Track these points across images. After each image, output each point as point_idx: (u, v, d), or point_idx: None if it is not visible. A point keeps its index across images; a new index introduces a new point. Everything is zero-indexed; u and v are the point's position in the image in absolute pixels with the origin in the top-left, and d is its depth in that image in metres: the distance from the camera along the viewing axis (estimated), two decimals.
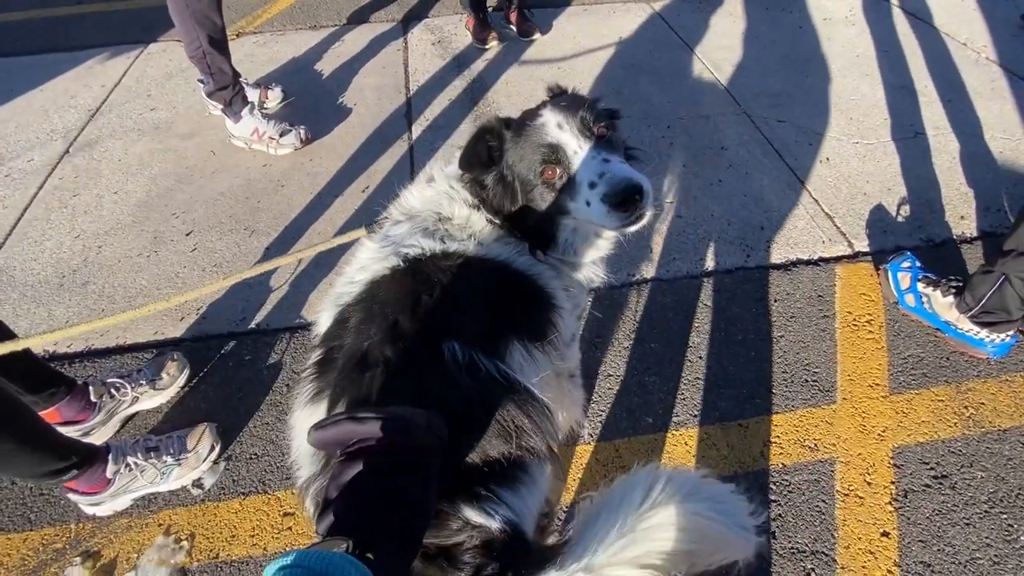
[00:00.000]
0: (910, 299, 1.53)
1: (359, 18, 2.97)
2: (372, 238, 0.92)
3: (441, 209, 0.92)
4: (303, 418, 0.75)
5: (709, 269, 1.69)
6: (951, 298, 1.44)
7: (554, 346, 0.88)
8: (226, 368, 1.45)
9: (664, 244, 1.76)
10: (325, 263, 1.69)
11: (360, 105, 2.36)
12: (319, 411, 0.73)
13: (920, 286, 1.51)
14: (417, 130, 2.21)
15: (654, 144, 2.12)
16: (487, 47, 2.66)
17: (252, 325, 1.54)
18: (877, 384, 1.39)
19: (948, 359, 1.44)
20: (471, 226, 0.90)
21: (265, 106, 2.29)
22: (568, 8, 3.02)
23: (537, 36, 2.73)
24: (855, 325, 1.53)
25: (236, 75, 2.01)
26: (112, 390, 1.28)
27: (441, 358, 0.71)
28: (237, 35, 2.83)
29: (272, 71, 2.58)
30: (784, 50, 2.62)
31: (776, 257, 1.71)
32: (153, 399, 1.34)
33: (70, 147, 2.17)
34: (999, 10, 2.82)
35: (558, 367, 0.96)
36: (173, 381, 1.36)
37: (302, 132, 2.10)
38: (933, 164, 2.00)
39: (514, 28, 2.75)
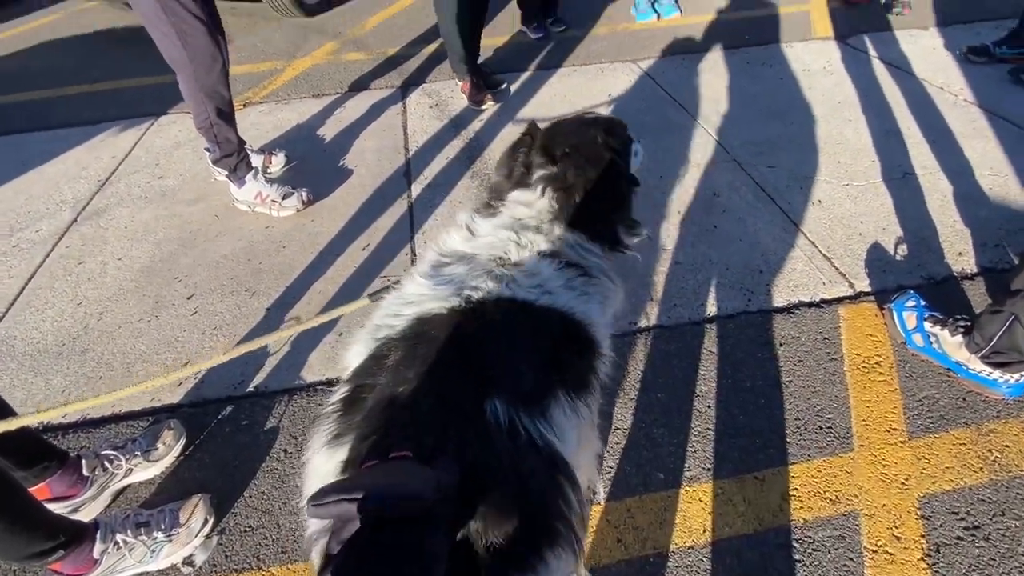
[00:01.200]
0: (918, 339, 1.50)
1: (360, 85, 3.11)
2: (423, 274, 0.87)
3: (509, 254, 0.87)
4: (320, 461, 0.70)
5: (711, 314, 1.67)
6: (960, 338, 1.42)
7: (594, 396, 0.84)
8: (223, 434, 1.41)
9: (664, 290, 1.76)
10: (326, 325, 1.69)
11: (361, 166, 2.43)
12: (338, 455, 0.68)
13: (927, 325, 1.49)
14: (417, 188, 2.27)
15: (647, 194, 2.16)
16: (483, 108, 2.77)
17: (250, 388, 1.52)
18: (894, 429, 1.35)
19: (964, 400, 1.40)
20: (540, 273, 0.86)
21: (269, 171, 2.36)
22: (559, 70, 3.17)
23: (504, 85, 2.94)
24: (865, 367, 1.49)
25: (241, 143, 2.09)
26: (106, 462, 1.24)
27: (482, 417, 0.66)
28: (244, 105, 2.96)
29: (276, 137, 2.68)
30: (767, 101, 2.72)
31: (778, 300, 1.70)
32: (147, 471, 1.30)
33: (78, 216, 2.22)
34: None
35: (591, 418, 0.92)
36: (169, 451, 1.32)
37: (304, 194, 2.16)
38: (926, 203, 2.03)
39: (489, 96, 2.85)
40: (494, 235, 0.90)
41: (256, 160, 2.28)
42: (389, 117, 2.81)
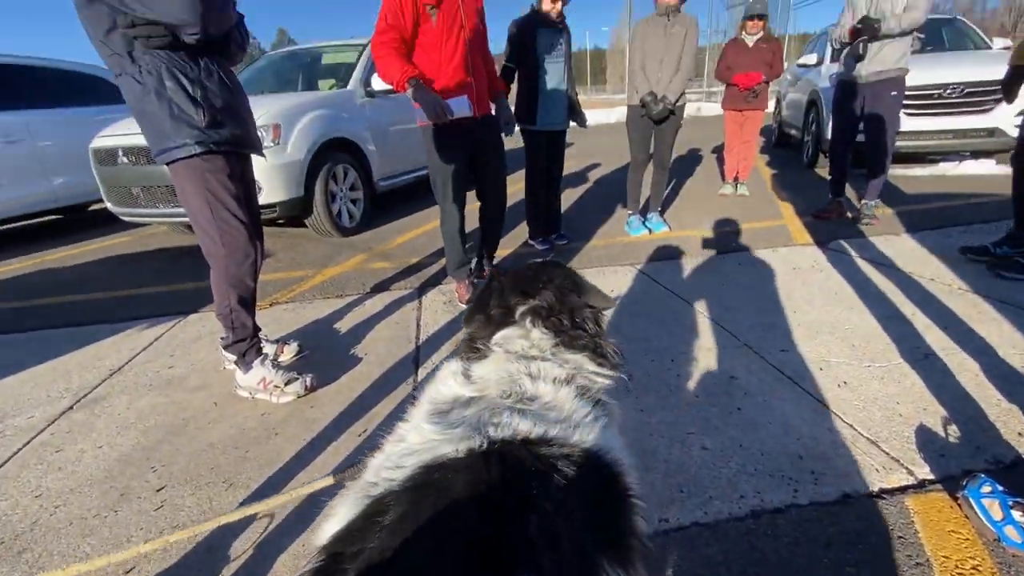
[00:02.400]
0: (1011, 532, 1.23)
1: (381, 287, 3.36)
2: (426, 420, 0.74)
3: (523, 387, 0.77)
4: None
5: (755, 509, 1.43)
6: None
7: (634, 565, 0.64)
8: None
9: (694, 479, 1.54)
10: (302, 519, 1.47)
11: (371, 355, 2.44)
12: None
13: (1017, 515, 1.24)
14: (423, 373, 2.23)
15: (661, 375, 2.09)
16: None
17: None
18: None
19: None
20: (562, 403, 0.75)
21: (279, 359, 2.37)
22: None
23: None
24: (959, 574, 1.19)
25: (256, 330, 2.14)
26: None
27: None
28: (271, 304, 3.16)
29: (294, 330, 2.77)
30: (765, 292, 2.84)
31: (829, 491, 1.47)
32: None
33: (75, 404, 2.17)
34: (948, 252, 3.16)
35: None
36: None
37: (308, 380, 2.12)
38: (959, 381, 1.91)
39: None
40: (499, 371, 0.81)
41: (268, 349, 2.32)
42: (405, 312, 2.94)
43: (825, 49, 6.26)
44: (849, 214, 4.12)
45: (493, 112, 3.05)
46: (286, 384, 2.08)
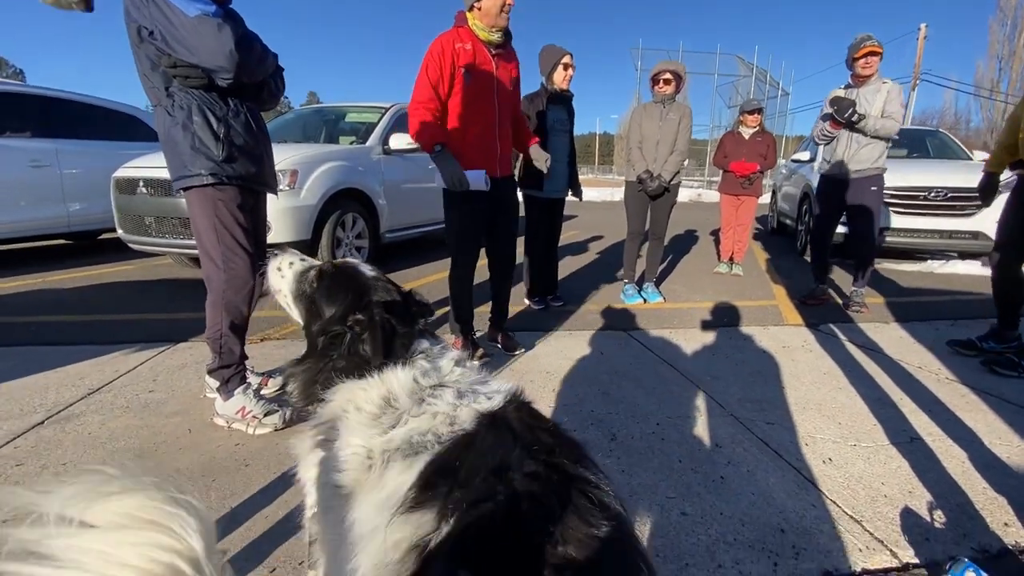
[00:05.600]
0: None
1: None
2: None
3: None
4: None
5: None
6: None
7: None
8: None
9: (670, 544, 1.48)
10: (256, 553, 1.40)
11: None
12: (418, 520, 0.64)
13: None
14: None
15: (644, 439, 2.06)
16: (473, 363, 2.88)
17: None
18: None
19: None
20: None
21: (262, 391, 2.35)
22: (554, 332, 3.46)
23: (520, 351, 3.03)
24: None
25: (243, 358, 2.14)
26: None
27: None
28: (262, 340, 3.16)
29: (280, 365, 2.75)
30: (755, 366, 2.85)
31: (810, 568, 1.41)
32: None
33: (46, 419, 2.12)
34: (935, 343, 3.20)
35: None
36: None
37: (287, 413, 2.09)
38: (945, 467, 1.88)
39: (499, 345, 3.06)
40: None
41: (253, 380, 2.30)
42: None
43: (815, 148, 6.67)
44: (840, 300, 4.20)
45: (516, 176, 3.16)
46: (265, 415, 2.05)
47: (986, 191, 3.15)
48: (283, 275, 1.17)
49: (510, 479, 0.64)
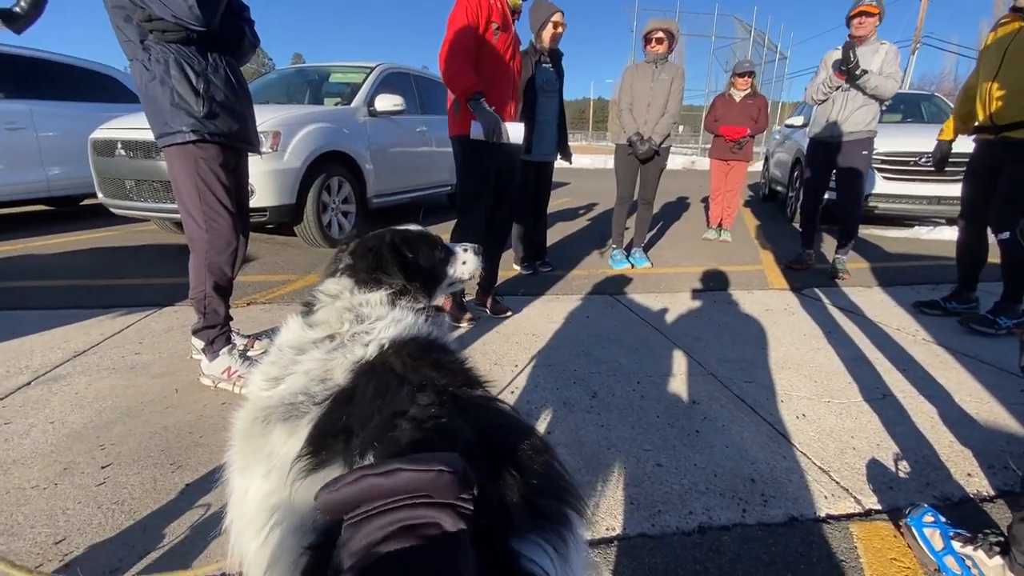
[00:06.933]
0: (951, 563, 1.24)
1: None
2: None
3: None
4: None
5: (703, 525, 1.43)
6: (999, 559, 1.18)
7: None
8: None
9: (644, 493, 1.54)
10: None
11: None
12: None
13: (957, 546, 1.25)
14: None
15: (624, 396, 2.10)
16: (460, 326, 2.90)
17: None
18: None
19: None
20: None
21: (247, 353, 2.36)
22: (542, 296, 3.48)
23: (509, 314, 3.05)
24: None
25: (228, 319, 2.14)
26: None
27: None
28: (248, 304, 3.15)
29: (268, 329, 2.76)
30: (737, 329, 2.90)
31: (776, 513, 1.47)
32: None
33: (33, 380, 2.13)
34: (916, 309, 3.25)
35: None
36: None
37: None
38: (914, 422, 1.95)
39: (487, 310, 3.07)
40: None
41: (239, 341, 2.31)
42: None
43: (810, 112, 6.59)
44: (822, 266, 4.24)
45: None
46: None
47: (939, 160, 3.23)
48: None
49: (409, 415, 0.61)
